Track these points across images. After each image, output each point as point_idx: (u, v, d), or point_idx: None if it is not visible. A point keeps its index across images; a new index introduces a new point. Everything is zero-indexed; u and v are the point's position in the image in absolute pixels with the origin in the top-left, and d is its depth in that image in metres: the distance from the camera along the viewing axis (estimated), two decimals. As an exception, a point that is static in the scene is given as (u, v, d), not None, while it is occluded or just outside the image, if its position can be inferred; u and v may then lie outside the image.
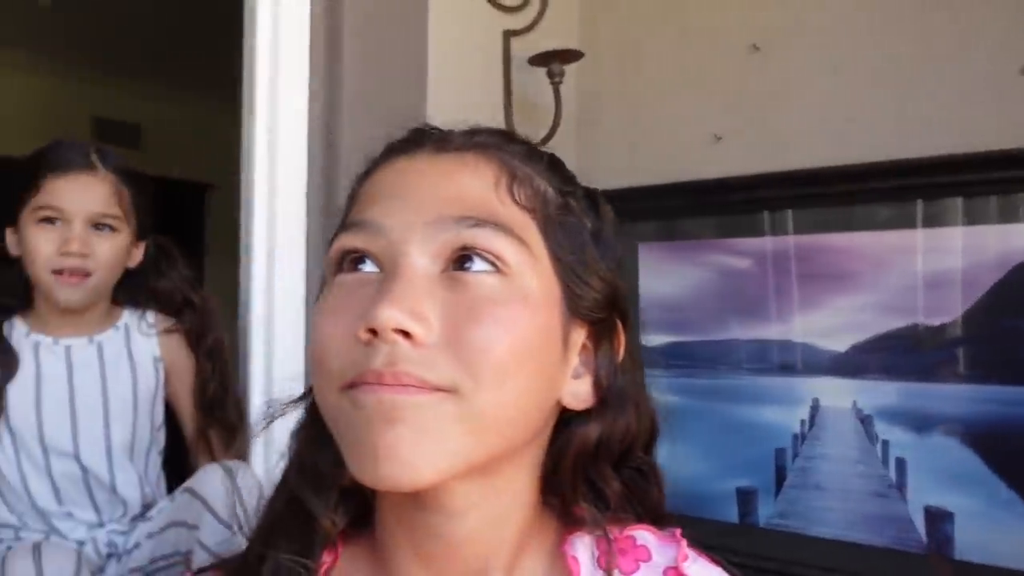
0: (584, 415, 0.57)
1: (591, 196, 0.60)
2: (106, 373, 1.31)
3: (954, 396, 1.29)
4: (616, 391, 0.58)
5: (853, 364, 1.38)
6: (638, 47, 1.71)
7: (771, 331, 1.46)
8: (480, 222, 0.52)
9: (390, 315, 0.48)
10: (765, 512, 1.45)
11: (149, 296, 1.39)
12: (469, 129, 0.59)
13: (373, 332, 0.49)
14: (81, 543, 1.28)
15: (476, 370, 0.49)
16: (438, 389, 0.49)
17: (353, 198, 0.59)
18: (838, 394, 1.39)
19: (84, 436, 1.29)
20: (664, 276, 1.57)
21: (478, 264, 0.51)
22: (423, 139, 0.58)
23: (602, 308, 0.57)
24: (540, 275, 0.53)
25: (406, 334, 0.49)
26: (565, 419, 0.58)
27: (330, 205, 1.39)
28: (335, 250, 0.55)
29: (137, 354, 1.34)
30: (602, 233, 0.59)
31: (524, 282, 0.52)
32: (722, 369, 1.52)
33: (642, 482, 0.60)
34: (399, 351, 0.49)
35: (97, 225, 1.28)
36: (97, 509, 1.30)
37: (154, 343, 1.36)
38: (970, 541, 1.24)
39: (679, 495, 0.64)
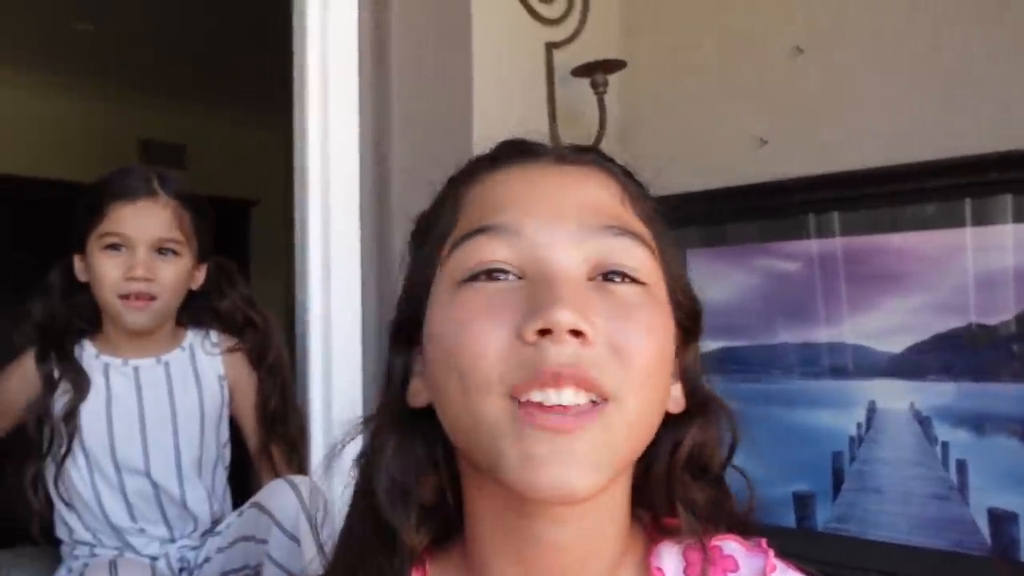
0: (674, 423, 0.58)
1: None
2: (174, 392, 1.35)
3: (1014, 395, 1.28)
4: (702, 396, 0.59)
5: (909, 365, 1.37)
6: (680, 54, 1.71)
7: (822, 334, 1.46)
8: (623, 231, 0.54)
9: (564, 315, 0.48)
10: (823, 516, 1.44)
11: (212, 316, 1.43)
12: (573, 145, 0.60)
13: (541, 333, 0.49)
14: (154, 558, 1.32)
15: (630, 374, 0.50)
16: (604, 399, 0.50)
17: (458, 203, 0.58)
18: (894, 396, 1.38)
19: (155, 454, 1.33)
20: (712, 281, 1.57)
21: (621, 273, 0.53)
22: (539, 149, 0.59)
23: (689, 316, 0.59)
24: (662, 285, 0.56)
25: (577, 334, 0.49)
26: None
27: (383, 212, 1.43)
28: (471, 259, 0.53)
29: (202, 373, 1.38)
30: (676, 242, 0.61)
31: (656, 290, 0.55)
32: (775, 373, 1.52)
33: (726, 493, 0.61)
34: (575, 351, 0.49)
35: (160, 250, 1.32)
36: (169, 525, 1.34)
37: (218, 362, 1.39)
38: (1036, 542, 1.23)
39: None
